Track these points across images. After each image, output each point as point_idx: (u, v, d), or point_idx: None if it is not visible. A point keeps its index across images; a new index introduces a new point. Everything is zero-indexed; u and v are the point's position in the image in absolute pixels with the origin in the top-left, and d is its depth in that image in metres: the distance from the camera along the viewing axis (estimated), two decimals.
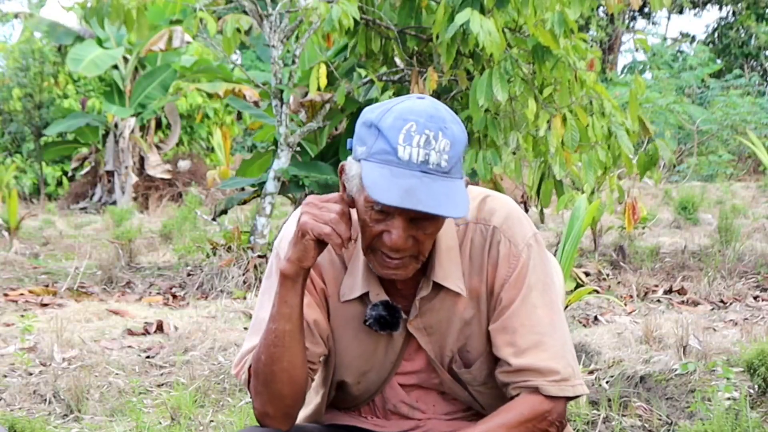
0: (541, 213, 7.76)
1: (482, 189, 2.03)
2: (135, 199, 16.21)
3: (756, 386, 3.66)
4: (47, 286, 7.37)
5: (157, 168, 16.58)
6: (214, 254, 7.32)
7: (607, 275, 7.10)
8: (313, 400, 2.08)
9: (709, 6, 27.65)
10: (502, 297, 1.95)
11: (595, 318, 5.68)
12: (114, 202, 16.11)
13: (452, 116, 1.83)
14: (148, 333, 5.51)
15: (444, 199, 1.76)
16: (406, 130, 1.77)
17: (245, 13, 7.45)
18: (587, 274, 6.98)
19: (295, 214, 1.97)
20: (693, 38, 27.46)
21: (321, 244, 1.85)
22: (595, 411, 3.68)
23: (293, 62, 7.64)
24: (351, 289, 1.97)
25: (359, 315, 1.98)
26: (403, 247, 1.83)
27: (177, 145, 17.80)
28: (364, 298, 1.97)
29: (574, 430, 3.47)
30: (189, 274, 7.74)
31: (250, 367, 1.95)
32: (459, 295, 1.95)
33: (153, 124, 17.03)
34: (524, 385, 1.92)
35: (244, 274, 7.03)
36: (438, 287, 1.95)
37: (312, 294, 1.97)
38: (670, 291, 6.63)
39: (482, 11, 6.18)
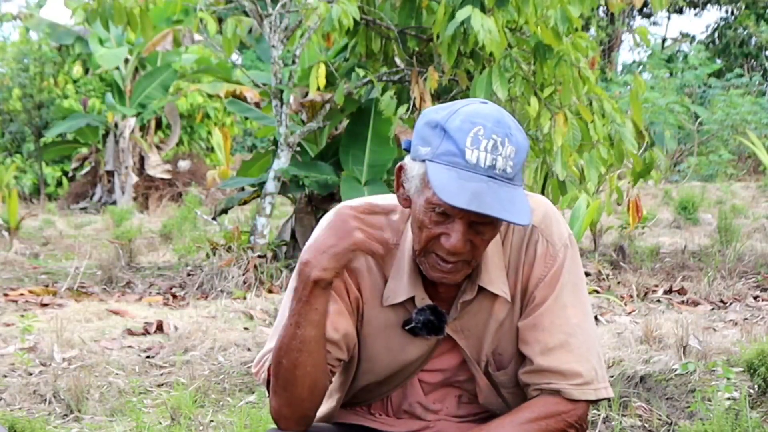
0: None
1: None
2: (135, 199, 16.21)
3: (756, 386, 3.66)
4: (47, 286, 7.37)
5: (157, 168, 16.58)
6: (214, 254, 7.32)
7: (607, 275, 7.09)
8: (326, 403, 2.06)
9: (708, 6, 27.65)
10: (536, 295, 1.95)
11: (595, 318, 5.67)
12: (114, 202, 16.11)
13: (515, 123, 1.83)
14: (148, 333, 5.51)
15: (509, 206, 1.75)
16: (474, 133, 1.76)
17: (245, 13, 7.45)
18: (587, 274, 6.98)
19: (328, 222, 1.95)
20: (693, 38, 27.45)
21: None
22: (595, 411, 3.68)
23: (293, 62, 7.64)
24: (395, 293, 1.96)
25: (397, 319, 1.97)
26: (461, 251, 1.82)
27: (177, 145, 17.80)
28: (404, 303, 1.96)
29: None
30: (189, 274, 7.74)
31: (270, 367, 1.93)
32: (497, 296, 1.95)
33: (153, 124, 17.03)
34: (546, 387, 1.92)
35: (244, 274, 7.03)
36: (479, 290, 1.95)
37: (344, 301, 1.96)
38: (670, 291, 6.62)
39: (483, 10, 6.18)
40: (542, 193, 7.02)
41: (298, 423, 1.93)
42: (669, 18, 29.12)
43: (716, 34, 26.24)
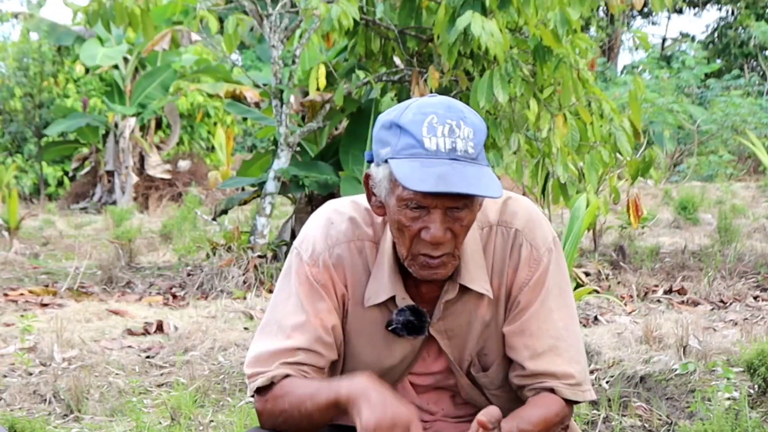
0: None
1: (503, 191, 2.03)
2: (135, 199, 16.21)
3: (756, 386, 3.66)
4: (47, 286, 7.37)
5: (157, 168, 16.57)
6: (214, 254, 7.32)
7: (607, 275, 7.09)
8: None
9: (708, 6, 27.65)
10: (521, 300, 1.95)
11: (595, 318, 5.68)
12: (114, 202, 16.11)
13: (467, 107, 1.85)
14: (148, 333, 5.52)
15: (476, 182, 1.76)
16: (428, 122, 1.79)
17: (245, 13, 7.46)
18: (587, 274, 6.98)
19: (322, 216, 1.97)
20: (693, 38, 27.44)
21: None
22: (595, 411, 3.68)
23: (293, 62, 7.64)
24: (376, 294, 1.96)
25: (380, 319, 1.97)
26: (443, 240, 1.82)
27: (177, 144, 17.80)
28: (386, 302, 1.96)
29: None
30: (189, 274, 7.74)
31: (271, 383, 1.92)
32: (481, 297, 1.95)
33: (153, 124, 17.02)
34: (540, 386, 1.94)
35: (244, 274, 7.03)
36: (462, 290, 1.95)
37: (332, 298, 1.96)
38: (670, 291, 6.63)
39: (483, 12, 6.17)
40: (542, 193, 7.04)
41: None
42: (669, 18, 29.13)
43: (716, 34, 26.23)
